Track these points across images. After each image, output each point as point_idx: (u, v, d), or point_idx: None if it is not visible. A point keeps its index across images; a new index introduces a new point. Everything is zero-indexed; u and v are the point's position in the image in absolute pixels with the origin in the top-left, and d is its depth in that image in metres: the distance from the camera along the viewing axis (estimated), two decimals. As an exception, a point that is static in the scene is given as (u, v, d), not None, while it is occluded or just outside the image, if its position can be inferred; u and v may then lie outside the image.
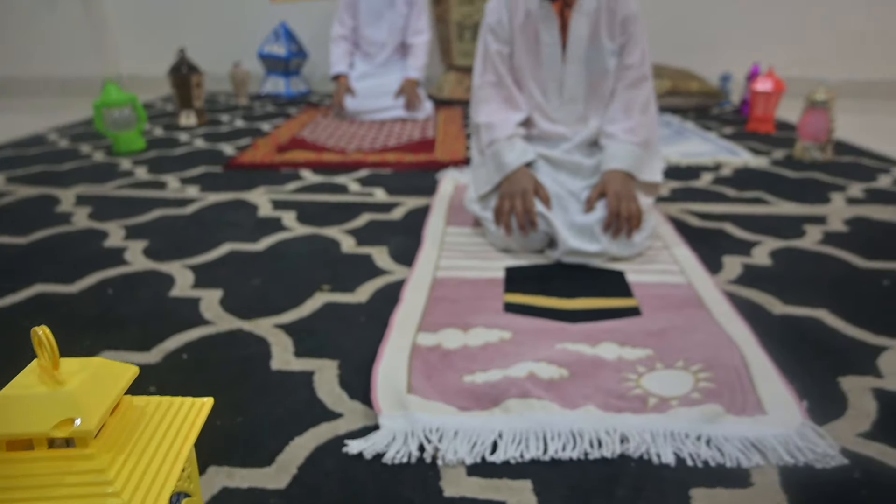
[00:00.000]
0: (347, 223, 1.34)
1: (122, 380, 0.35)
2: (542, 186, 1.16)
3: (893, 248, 1.21)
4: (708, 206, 1.46)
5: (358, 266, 1.12)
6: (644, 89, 1.23)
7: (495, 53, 1.25)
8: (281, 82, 3.25)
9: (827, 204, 1.47)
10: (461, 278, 1.06)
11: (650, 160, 1.20)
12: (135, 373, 0.36)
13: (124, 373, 0.35)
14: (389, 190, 1.59)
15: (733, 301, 0.98)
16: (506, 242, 1.16)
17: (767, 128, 2.31)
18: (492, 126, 1.21)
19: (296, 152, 1.94)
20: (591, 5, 1.22)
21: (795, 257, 1.16)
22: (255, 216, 1.39)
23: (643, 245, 1.15)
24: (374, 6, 2.66)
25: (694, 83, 2.73)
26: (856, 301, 0.98)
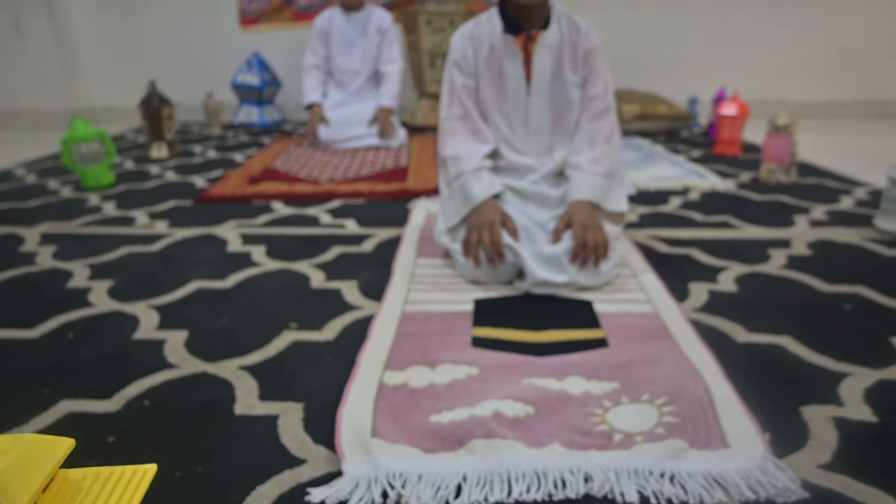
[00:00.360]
0: (317, 257, 1.34)
1: (55, 455, 0.34)
2: (509, 218, 1.16)
3: (855, 270, 1.23)
4: (675, 231, 1.48)
5: (327, 302, 1.12)
6: (608, 120, 1.25)
7: (461, 87, 1.26)
8: (255, 111, 3.25)
9: (791, 227, 1.50)
10: (430, 312, 1.06)
11: (615, 190, 1.22)
12: (70, 446, 0.35)
13: (58, 448, 0.34)
14: (361, 221, 1.59)
15: (699, 329, 0.99)
16: (475, 274, 1.16)
17: (734, 150, 2.36)
18: (458, 159, 1.22)
19: (267, 184, 1.94)
20: (553, 39, 1.24)
21: (760, 283, 1.18)
22: (224, 252, 1.38)
23: (610, 274, 1.16)
24: (345, 36, 2.69)
25: (662, 107, 2.78)
26: (818, 327, 1.00)
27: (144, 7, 3.31)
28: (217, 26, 3.33)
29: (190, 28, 3.34)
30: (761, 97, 3.37)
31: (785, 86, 3.40)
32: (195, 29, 3.35)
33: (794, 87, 3.40)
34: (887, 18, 3.28)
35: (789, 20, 3.29)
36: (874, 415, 0.77)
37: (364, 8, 2.69)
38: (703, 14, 3.28)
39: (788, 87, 3.41)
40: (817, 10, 3.27)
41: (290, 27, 3.31)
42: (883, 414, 0.77)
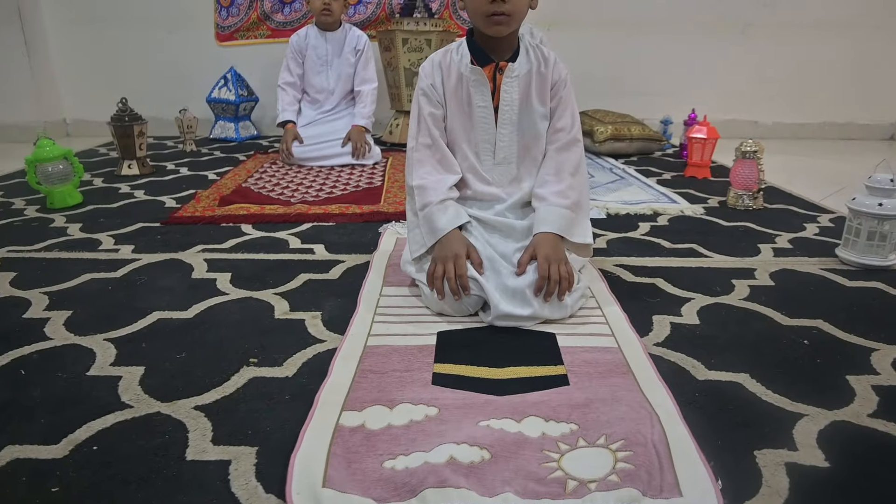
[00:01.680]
0: (283, 285, 1.32)
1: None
2: (474, 250, 1.16)
3: (815, 303, 1.25)
4: (642, 259, 1.49)
5: (289, 334, 1.10)
6: (574, 152, 1.26)
7: (428, 116, 1.26)
8: (230, 127, 3.23)
9: (756, 256, 1.52)
10: (392, 346, 1.05)
11: (581, 222, 1.23)
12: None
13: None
14: (330, 246, 1.58)
15: (659, 366, 0.99)
16: (439, 306, 1.16)
17: (704, 173, 2.39)
18: (425, 189, 1.22)
19: (238, 205, 1.92)
20: (522, 69, 1.25)
21: (722, 315, 1.19)
22: (188, 279, 1.36)
23: (575, 307, 1.16)
24: (321, 54, 2.69)
25: (635, 128, 2.81)
26: (776, 364, 1.01)
27: (119, 20, 3.28)
28: (193, 41, 3.31)
29: (166, 42, 3.32)
30: (733, 118, 3.44)
31: (755, 108, 3.47)
32: (171, 43, 3.32)
33: (763, 109, 3.48)
34: (849, 46, 3.37)
35: (758, 46, 3.37)
36: (826, 460, 0.77)
37: (340, 27, 2.70)
38: (677, 38, 3.34)
39: (758, 110, 3.48)
40: (785, 37, 3.35)
41: (266, 43, 3.30)
42: (834, 458, 0.77)
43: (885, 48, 3.38)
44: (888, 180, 1.40)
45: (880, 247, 1.42)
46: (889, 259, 1.43)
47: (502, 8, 1.15)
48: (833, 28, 3.32)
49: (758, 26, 3.33)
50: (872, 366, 1.01)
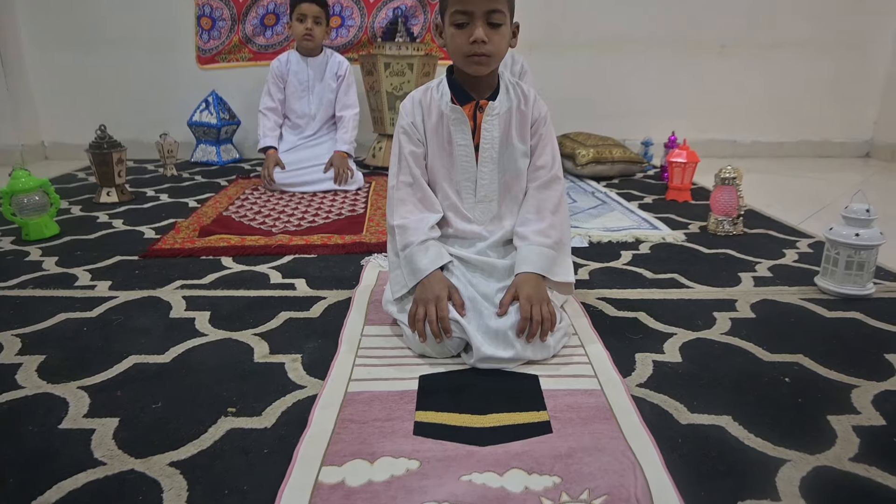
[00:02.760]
0: (264, 324, 1.31)
1: None
2: (456, 291, 1.16)
3: (795, 335, 1.26)
4: (625, 291, 1.49)
5: (269, 380, 1.09)
6: (555, 190, 1.26)
7: (409, 154, 1.26)
8: (212, 150, 3.21)
9: (736, 286, 1.53)
10: (374, 392, 1.04)
11: (562, 260, 1.23)
12: None
13: None
14: (311, 281, 1.56)
15: (642, 409, 0.99)
16: (421, 348, 1.15)
17: (685, 196, 2.42)
18: (406, 229, 1.21)
19: (218, 236, 1.90)
20: (502, 108, 1.26)
21: (704, 352, 1.19)
22: (166, 318, 1.34)
23: (557, 346, 1.16)
24: (302, 80, 2.68)
25: (616, 151, 2.84)
26: (758, 404, 1.01)
27: (99, 43, 3.25)
28: (174, 64, 3.30)
29: (147, 65, 3.29)
30: (712, 137, 3.49)
31: (734, 127, 3.52)
32: (152, 66, 3.30)
33: (742, 128, 3.53)
34: (824, 65, 3.44)
35: (736, 66, 3.43)
36: (808, 510, 0.77)
37: (322, 52, 2.69)
38: (656, 59, 3.38)
39: (737, 129, 3.53)
40: (761, 57, 3.41)
41: (248, 66, 3.29)
42: (816, 508, 0.77)
43: (858, 67, 3.45)
44: (864, 210, 1.42)
45: (858, 276, 1.44)
46: (867, 288, 1.44)
47: (483, 49, 1.16)
48: (807, 48, 3.39)
49: (734, 47, 3.39)
50: (853, 404, 1.01)
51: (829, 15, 3.35)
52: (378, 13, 3.23)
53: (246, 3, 3.19)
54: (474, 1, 1.14)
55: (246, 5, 3.19)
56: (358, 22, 3.25)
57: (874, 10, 3.36)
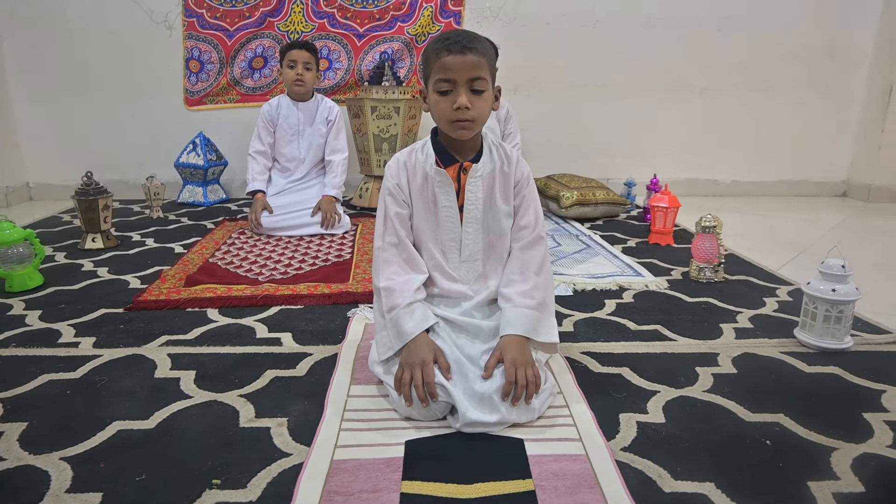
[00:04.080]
0: (249, 384, 1.30)
1: None
2: (441, 354, 1.17)
3: (776, 392, 1.28)
4: (608, 345, 1.51)
5: (254, 448, 1.08)
6: (539, 250, 1.28)
7: (395, 216, 1.28)
8: (199, 191, 3.22)
9: (718, 339, 1.55)
10: (360, 461, 1.04)
11: (546, 321, 1.24)
12: None
13: None
14: (297, 335, 1.56)
15: (626, 475, 1.00)
16: (407, 411, 1.15)
17: (668, 240, 2.46)
18: (392, 291, 1.23)
19: (204, 286, 1.90)
20: (486, 169, 1.28)
21: (687, 411, 1.21)
22: (151, 378, 1.33)
23: (543, 408, 1.17)
24: (292, 124, 2.72)
25: (600, 192, 2.88)
26: (739, 469, 1.02)
27: (86, 85, 3.28)
28: (162, 105, 3.32)
29: (134, 107, 3.32)
30: (694, 177, 3.56)
31: (714, 167, 3.60)
32: (139, 108, 3.32)
33: (722, 168, 3.61)
34: (800, 107, 3.54)
35: (715, 108, 3.52)
36: (789, 588, 0.78)
37: (312, 97, 2.73)
38: (638, 101, 3.46)
39: (717, 169, 3.61)
40: (740, 99, 3.51)
41: (236, 107, 3.33)
42: (797, 586, 0.78)
43: (832, 109, 3.55)
44: (840, 266, 1.46)
45: (836, 329, 1.47)
46: (845, 342, 1.47)
47: (466, 115, 1.19)
48: (784, 91, 3.49)
49: (714, 89, 3.48)
50: (833, 469, 1.02)
51: (804, 61, 3.45)
52: (365, 56, 3.29)
53: (234, 46, 3.24)
54: (457, 70, 1.17)
55: (234, 49, 3.24)
56: (345, 65, 3.30)
57: (846, 56, 3.47)
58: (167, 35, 3.22)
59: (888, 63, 3.38)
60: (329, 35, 3.26)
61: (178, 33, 3.22)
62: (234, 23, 3.21)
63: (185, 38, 3.22)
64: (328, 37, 3.27)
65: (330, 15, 3.24)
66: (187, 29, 3.20)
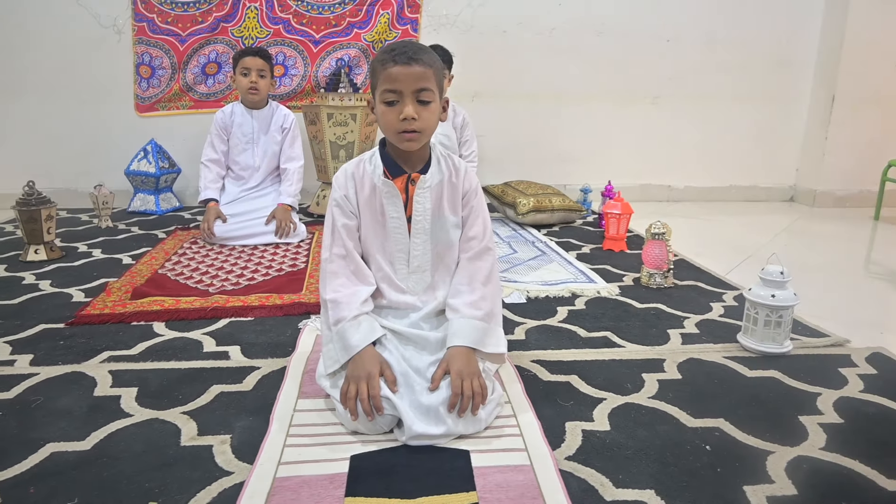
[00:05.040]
0: (193, 401, 1.27)
1: None
2: (388, 367, 1.16)
3: (718, 396, 1.31)
4: (558, 353, 1.52)
5: (195, 467, 1.06)
6: (487, 260, 1.29)
7: (342, 227, 1.27)
8: (150, 199, 3.14)
9: (665, 344, 1.58)
10: (303, 478, 1.02)
11: (494, 331, 1.25)
12: None
13: None
14: (246, 348, 1.54)
15: (569, 484, 1.00)
16: (353, 425, 1.14)
17: (621, 246, 2.50)
18: (338, 304, 1.22)
19: (152, 299, 1.85)
20: (434, 180, 1.28)
21: (632, 418, 1.23)
22: (89, 397, 1.29)
23: (489, 418, 1.17)
24: (247, 132, 2.68)
25: (556, 199, 2.92)
26: (680, 476, 1.04)
27: (31, 90, 3.17)
28: (111, 112, 3.24)
29: (81, 113, 3.22)
30: (648, 183, 3.63)
31: (668, 173, 3.68)
32: (87, 114, 3.23)
33: (675, 174, 3.69)
34: (749, 115, 3.65)
35: (668, 116, 3.60)
36: None
37: (267, 105, 2.70)
38: (593, 108, 3.52)
39: (671, 175, 3.69)
40: (691, 107, 3.60)
41: (189, 113, 3.26)
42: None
43: (779, 117, 3.67)
44: (778, 272, 1.50)
45: (777, 334, 1.51)
46: (785, 346, 1.52)
47: (413, 125, 1.19)
48: (733, 99, 3.59)
49: (666, 97, 3.56)
50: (768, 472, 1.05)
51: (751, 70, 3.56)
52: (321, 63, 3.26)
53: (186, 52, 3.17)
54: (403, 80, 1.17)
55: (186, 54, 3.18)
56: (301, 71, 3.27)
57: (791, 65, 3.60)
58: (116, 40, 3.14)
59: (830, 73, 3.51)
60: (284, 41, 3.23)
61: (128, 38, 3.15)
62: (187, 28, 3.15)
63: (135, 42, 3.14)
64: (284, 43, 3.23)
65: (285, 21, 3.21)
66: (137, 34, 3.13)
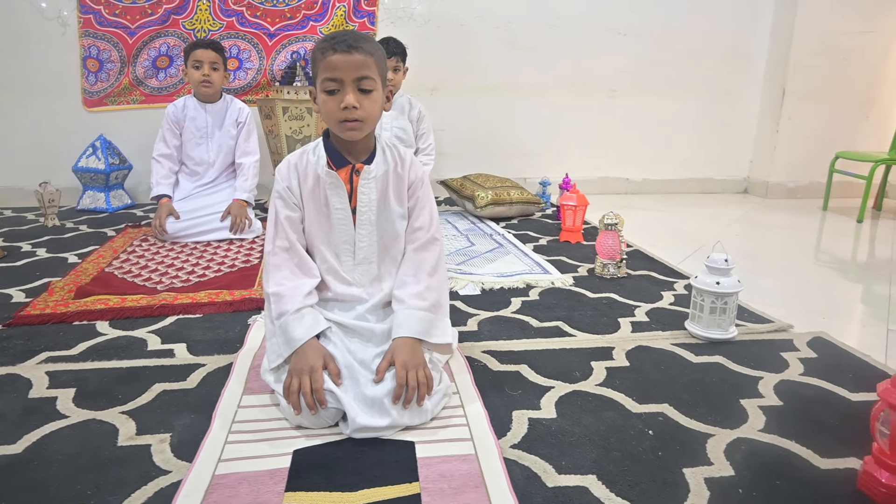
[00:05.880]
0: (133, 400, 1.24)
1: None
2: (332, 360, 1.15)
3: (663, 383, 1.33)
4: (510, 343, 1.53)
5: (131, 467, 1.03)
6: (433, 251, 1.28)
7: (285, 219, 1.25)
8: (101, 197, 3.05)
9: (615, 333, 1.60)
10: (243, 474, 1.00)
11: (440, 322, 1.24)
12: None
13: None
14: (192, 346, 1.50)
15: (513, 472, 1.01)
16: (297, 420, 1.12)
17: (577, 237, 2.52)
18: (280, 297, 1.19)
19: (96, 297, 1.79)
20: (379, 171, 1.27)
21: (578, 405, 1.23)
22: (24, 400, 1.24)
23: (436, 409, 1.17)
24: (200, 126, 2.62)
25: (515, 192, 2.93)
26: (622, 461, 1.05)
27: (-29, 85, 3.05)
28: (57, 107, 3.14)
29: (25, 107, 3.11)
30: (606, 176, 3.67)
31: (626, 166, 3.72)
32: (33, 109, 3.12)
33: (633, 167, 3.74)
34: (704, 108, 3.72)
35: (624, 109, 3.64)
36: (655, 574, 0.81)
37: (221, 98, 2.64)
38: (552, 102, 3.55)
39: (628, 168, 3.73)
40: (647, 101, 3.65)
41: (140, 108, 3.18)
42: (663, 570, 0.81)
43: (733, 110, 3.75)
44: (723, 260, 1.53)
45: (722, 320, 1.54)
46: (730, 332, 1.55)
47: (354, 114, 1.17)
48: (687, 92, 3.66)
49: (622, 91, 3.61)
50: (707, 455, 1.07)
51: (705, 64, 3.63)
52: (277, 56, 3.21)
53: (136, 45, 3.09)
54: (343, 68, 1.15)
55: (136, 47, 3.09)
56: (256, 64, 3.21)
57: (743, 60, 3.68)
58: (61, 32, 3.04)
59: (780, 68, 3.60)
60: (238, 34, 3.17)
61: (74, 30, 3.05)
62: (136, 20, 3.06)
63: (81, 35, 3.05)
64: (237, 35, 3.17)
65: (238, 13, 3.15)
66: (83, 26, 3.03)
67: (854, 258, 2.52)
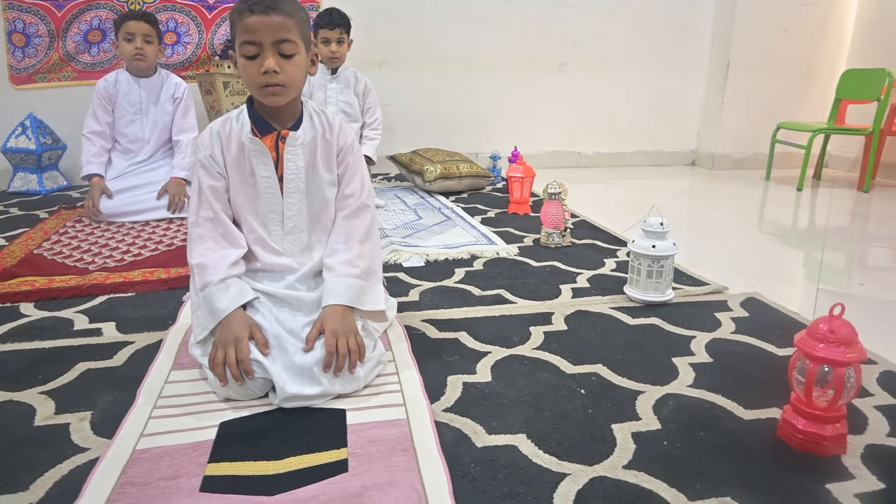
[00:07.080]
0: (54, 380, 1.19)
1: None
2: (258, 329, 1.12)
3: (599, 345, 1.34)
4: (450, 311, 1.52)
5: (46, 446, 0.99)
6: (364, 218, 1.26)
7: (208, 189, 1.21)
8: (33, 178, 2.92)
9: (556, 299, 1.61)
10: (165, 448, 0.97)
11: (372, 289, 1.22)
12: None
13: None
14: (122, 324, 1.45)
15: (443, 435, 1.00)
16: (225, 392, 1.09)
17: (525, 209, 2.52)
18: (204, 268, 1.16)
19: (22, 279, 1.71)
20: (306, 137, 1.24)
21: (513, 369, 1.24)
22: (-66, 383, 1.18)
23: (369, 377, 1.15)
24: (134, 102, 2.52)
25: (464, 166, 2.91)
26: (552, 420, 1.06)
27: None
28: (-19, 84, 2.97)
29: (-54, 86, 2.94)
30: (557, 150, 3.69)
31: (577, 140, 3.74)
32: (-46, 87, 2.95)
33: (584, 140, 3.76)
34: (651, 82, 3.75)
35: (574, 83, 3.65)
36: (576, 524, 0.81)
37: (156, 73, 2.54)
38: (501, 76, 3.53)
39: (579, 141, 3.75)
40: (596, 75, 3.66)
41: (73, 85, 3.04)
42: (585, 520, 0.82)
43: (680, 84, 3.80)
44: (658, 224, 1.55)
45: (658, 283, 1.56)
46: (666, 294, 1.57)
47: (276, 79, 1.13)
48: (636, 66, 3.69)
49: (572, 65, 3.61)
50: (636, 411, 1.09)
51: (652, 37, 3.66)
52: (217, 30, 3.10)
53: (65, 18, 2.94)
54: (261, 31, 1.11)
55: (66, 21, 2.94)
56: (196, 38, 3.10)
57: (689, 34, 3.72)
58: (-18, 5, 2.87)
59: (725, 41, 3.65)
60: (175, 6, 3.05)
61: (-3, 3, 2.88)
62: (64, -9, 2.91)
63: (5, 8, 2.88)
64: (175, 9, 3.05)
65: (175, -15, 3.02)
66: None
67: (793, 225, 2.59)
